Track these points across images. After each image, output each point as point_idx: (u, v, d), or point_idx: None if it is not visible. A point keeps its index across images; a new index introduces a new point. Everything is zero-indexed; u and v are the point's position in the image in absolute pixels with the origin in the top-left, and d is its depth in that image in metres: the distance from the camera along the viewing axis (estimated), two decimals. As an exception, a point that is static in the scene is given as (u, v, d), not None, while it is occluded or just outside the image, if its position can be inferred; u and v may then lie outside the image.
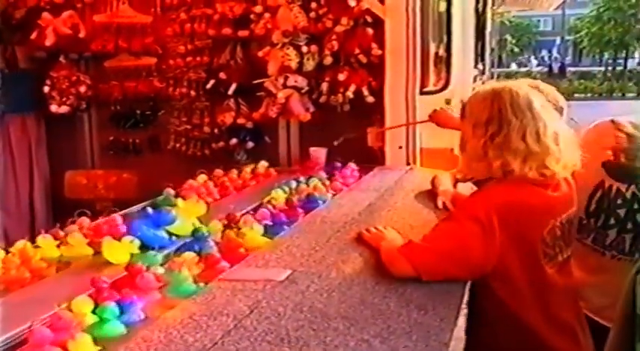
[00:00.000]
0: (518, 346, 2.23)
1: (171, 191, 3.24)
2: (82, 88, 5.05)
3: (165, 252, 2.38)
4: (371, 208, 2.96)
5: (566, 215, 2.29)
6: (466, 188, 3.05)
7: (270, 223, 2.71)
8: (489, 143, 2.16)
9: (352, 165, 3.92)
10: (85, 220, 2.67)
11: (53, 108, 5.02)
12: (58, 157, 5.36)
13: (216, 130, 4.83)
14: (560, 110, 2.72)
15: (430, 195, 3.14)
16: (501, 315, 2.20)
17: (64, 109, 5.04)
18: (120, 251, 2.28)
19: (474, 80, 5.16)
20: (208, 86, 4.75)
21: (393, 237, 2.33)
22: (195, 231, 2.47)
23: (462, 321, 1.87)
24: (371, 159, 4.22)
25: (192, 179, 3.54)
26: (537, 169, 2.15)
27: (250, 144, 4.73)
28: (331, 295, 1.89)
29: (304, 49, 4.31)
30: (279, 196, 3.10)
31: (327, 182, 3.50)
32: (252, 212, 2.77)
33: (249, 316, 1.72)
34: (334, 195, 3.28)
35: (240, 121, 4.66)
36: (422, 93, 4.23)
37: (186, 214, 2.66)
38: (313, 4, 4.31)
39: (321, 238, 2.46)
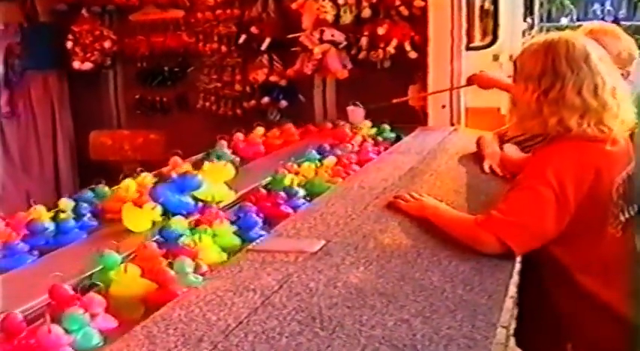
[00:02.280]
0: (579, 312, 2.20)
1: (224, 143, 3.27)
2: (107, 44, 5.01)
3: (191, 219, 2.32)
4: (412, 173, 2.87)
5: (626, 172, 2.22)
6: (513, 149, 2.96)
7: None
8: (543, 98, 2.10)
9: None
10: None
11: (76, 64, 4.99)
12: (82, 116, 5.34)
13: (247, 88, 4.78)
14: (632, 60, 2.74)
15: (476, 158, 3.05)
16: (560, 281, 2.18)
17: (88, 65, 5.01)
18: (141, 218, 2.22)
19: (523, 35, 5.03)
20: (240, 41, 4.69)
21: (436, 205, 2.26)
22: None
23: (512, 290, 1.80)
24: (412, 119, 4.13)
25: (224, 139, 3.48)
26: (596, 126, 2.09)
27: (284, 103, 4.67)
28: (368, 269, 1.81)
29: (341, 0, 4.20)
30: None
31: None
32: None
33: (279, 291, 1.65)
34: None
35: (274, 78, 4.59)
36: (468, 48, 4.13)
37: (213, 179, 2.59)
38: (350, -46, 4.20)
39: (358, 205, 2.38)
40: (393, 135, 3.77)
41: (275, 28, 4.53)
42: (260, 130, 3.78)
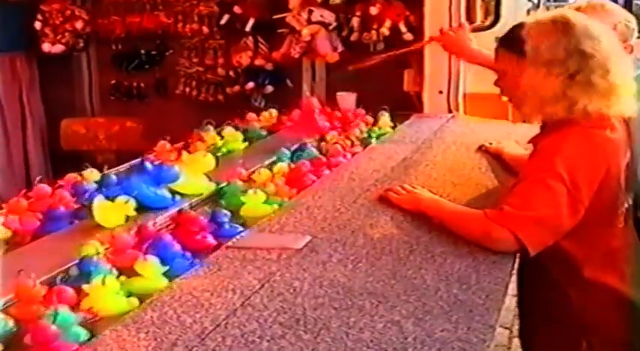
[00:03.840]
0: (594, 307, 2.20)
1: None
2: (79, 24, 4.98)
3: (167, 213, 2.30)
4: (406, 163, 2.86)
5: (624, 160, 2.23)
6: (513, 144, 2.96)
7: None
8: (569, 82, 2.08)
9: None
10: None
11: (46, 47, 4.97)
12: (53, 103, 5.32)
13: (231, 73, 4.77)
14: (631, 31, 2.72)
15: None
16: (572, 276, 2.18)
17: (59, 48, 4.99)
18: (113, 213, 2.21)
19: (527, 14, 5.03)
20: (222, 22, 4.68)
21: (432, 198, 2.26)
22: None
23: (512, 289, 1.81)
24: (407, 106, 4.11)
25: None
26: (617, 108, 2.11)
27: (270, 88, 4.67)
28: (357, 267, 1.81)
29: (331, -22, 4.18)
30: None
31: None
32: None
33: (260, 291, 1.64)
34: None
35: (259, 61, 4.59)
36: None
37: (191, 170, 2.58)
38: None
39: (347, 197, 2.37)
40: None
41: (260, 8, 4.52)
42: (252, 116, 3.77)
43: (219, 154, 3.13)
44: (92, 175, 2.65)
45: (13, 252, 2.10)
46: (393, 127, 3.65)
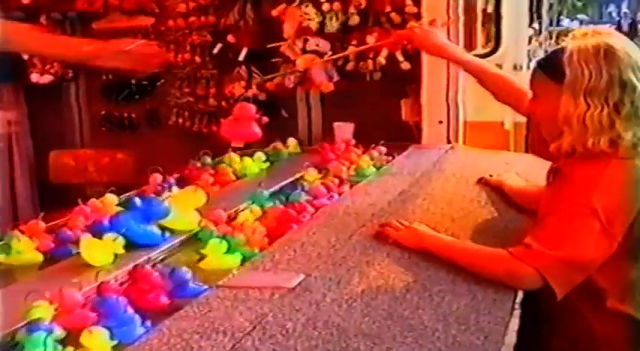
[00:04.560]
0: (618, 336, 2.18)
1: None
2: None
3: (157, 251, 2.30)
4: (403, 197, 2.87)
5: None
6: (514, 176, 2.97)
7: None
8: (613, 113, 2.07)
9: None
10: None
11: (34, 77, 4.99)
12: (42, 134, 5.31)
13: (224, 103, 4.75)
14: None
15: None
16: (595, 304, 2.16)
17: (47, 78, 5.01)
18: (102, 251, 2.20)
19: (529, 41, 5.05)
20: (215, 51, 4.68)
21: (435, 234, 2.26)
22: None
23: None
24: (405, 136, 4.12)
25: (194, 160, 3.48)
26: None
27: (264, 119, 4.65)
28: (352, 307, 1.80)
29: (326, 6, 4.20)
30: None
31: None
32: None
33: (252, 333, 1.63)
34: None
35: (252, 92, 4.58)
36: (467, 57, 4.13)
37: (182, 206, 2.58)
38: (335, -48, 4.20)
39: (343, 233, 2.37)
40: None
41: (253, 37, 4.51)
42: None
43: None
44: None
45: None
46: (391, 159, 3.66)
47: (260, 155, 3.70)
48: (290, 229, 2.49)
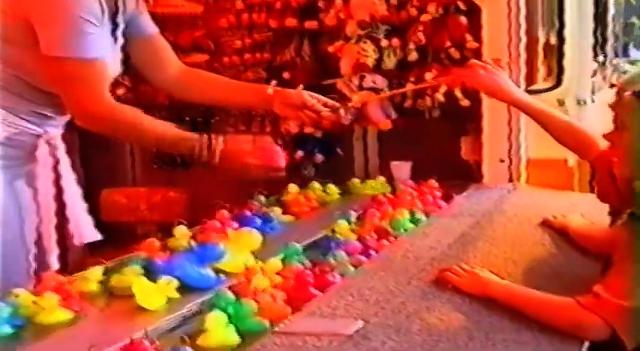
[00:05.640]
0: None
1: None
2: (120, 91, 5.05)
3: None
4: (464, 239, 2.86)
5: None
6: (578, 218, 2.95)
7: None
8: None
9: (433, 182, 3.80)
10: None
11: (87, 115, 5.05)
12: (94, 172, 5.38)
13: (279, 141, 4.78)
14: None
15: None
16: None
17: (100, 116, 5.06)
18: (155, 294, 2.24)
19: (593, 75, 5.01)
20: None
21: (499, 281, 2.25)
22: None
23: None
24: (465, 175, 4.13)
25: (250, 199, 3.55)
26: None
27: (320, 157, 4.68)
28: (412, 356, 1.81)
29: (384, 42, 4.24)
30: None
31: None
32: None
33: (309, 382, 1.65)
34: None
35: (308, 129, 4.61)
36: (528, 92, 4.11)
37: (237, 248, 2.60)
38: (394, -12, 4.24)
39: (402, 278, 2.38)
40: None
41: (309, 74, 4.55)
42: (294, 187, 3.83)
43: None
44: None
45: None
46: (450, 199, 3.66)
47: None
48: (310, 295, 2.28)
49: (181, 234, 2.84)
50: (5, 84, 2.63)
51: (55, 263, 2.88)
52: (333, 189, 3.90)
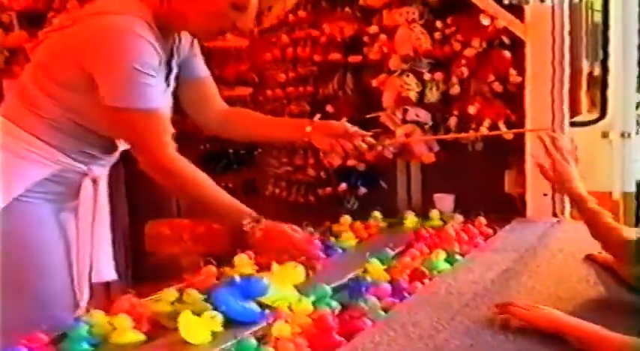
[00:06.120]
0: None
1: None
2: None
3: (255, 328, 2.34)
4: (507, 275, 2.84)
5: None
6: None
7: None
8: None
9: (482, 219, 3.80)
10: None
11: (134, 146, 5.10)
12: (139, 204, 5.44)
13: (322, 173, 4.81)
14: None
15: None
16: None
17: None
18: (199, 328, 2.25)
19: (637, 107, 4.98)
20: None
21: (570, 317, 2.19)
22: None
23: None
24: (508, 208, 4.10)
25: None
26: None
27: (363, 189, 4.69)
28: (456, 394, 1.80)
29: (427, 76, 4.25)
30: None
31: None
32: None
33: None
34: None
35: (351, 162, 4.62)
36: (572, 124, 4.09)
37: (281, 282, 2.61)
38: (438, 23, 4.24)
39: (445, 314, 2.36)
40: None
41: (353, 107, 4.58)
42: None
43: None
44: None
45: None
46: (493, 233, 3.65)
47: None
48: (334, 342, 2.23)
49: (242, 262, 2.94)
50: (58, 124, 2.68)
51: (93, 293, 2.92)
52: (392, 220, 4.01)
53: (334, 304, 2.55)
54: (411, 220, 4.01)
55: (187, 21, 2.75)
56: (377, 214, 4.06)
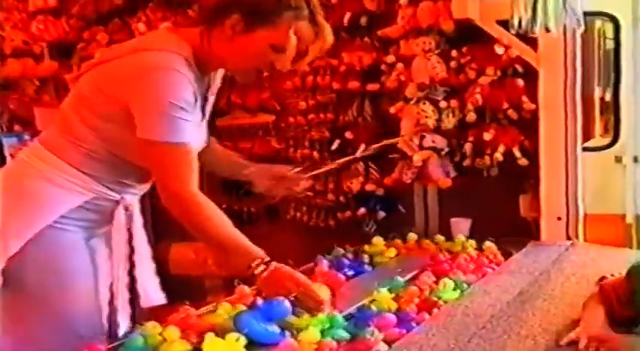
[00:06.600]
0: None
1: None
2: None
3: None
4: (522, 297, 2.88)
5: None
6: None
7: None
8: None
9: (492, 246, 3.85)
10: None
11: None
12: (163, 227, 5.46)
13: (342, 198, 4.85)
14: None
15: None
16: None
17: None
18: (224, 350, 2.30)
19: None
20: (333, 147, 4.82)
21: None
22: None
23: None
24: (522, 232, 4.14)
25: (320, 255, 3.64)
26: None
27: (381, 214, 4.73)
28: None
29: (443, 104, 4.30)
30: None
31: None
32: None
33: None
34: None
35: (370, 187, 4.67)
36: (586, 149, 4.13)
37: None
38: (454, 53, 4.29)
39: (462, 336, 2.41)
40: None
41: (371, 134, 4.62)
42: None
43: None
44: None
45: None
46: (508, 256, 3.68)
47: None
48: None
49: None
50: (96, 155, 2.71)
51: (126, 322, 2.94)
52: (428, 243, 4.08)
53: (344, 334, 2.53)
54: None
55: (226, 60, 2.76)
56: (412, 234, 4.15)
